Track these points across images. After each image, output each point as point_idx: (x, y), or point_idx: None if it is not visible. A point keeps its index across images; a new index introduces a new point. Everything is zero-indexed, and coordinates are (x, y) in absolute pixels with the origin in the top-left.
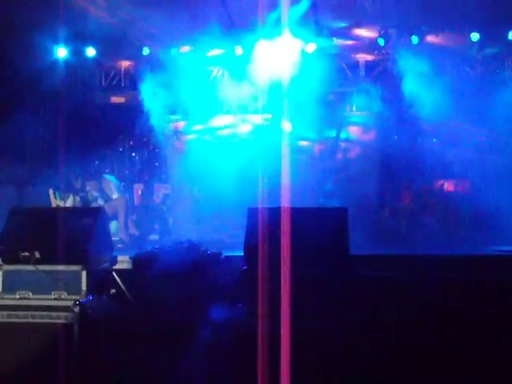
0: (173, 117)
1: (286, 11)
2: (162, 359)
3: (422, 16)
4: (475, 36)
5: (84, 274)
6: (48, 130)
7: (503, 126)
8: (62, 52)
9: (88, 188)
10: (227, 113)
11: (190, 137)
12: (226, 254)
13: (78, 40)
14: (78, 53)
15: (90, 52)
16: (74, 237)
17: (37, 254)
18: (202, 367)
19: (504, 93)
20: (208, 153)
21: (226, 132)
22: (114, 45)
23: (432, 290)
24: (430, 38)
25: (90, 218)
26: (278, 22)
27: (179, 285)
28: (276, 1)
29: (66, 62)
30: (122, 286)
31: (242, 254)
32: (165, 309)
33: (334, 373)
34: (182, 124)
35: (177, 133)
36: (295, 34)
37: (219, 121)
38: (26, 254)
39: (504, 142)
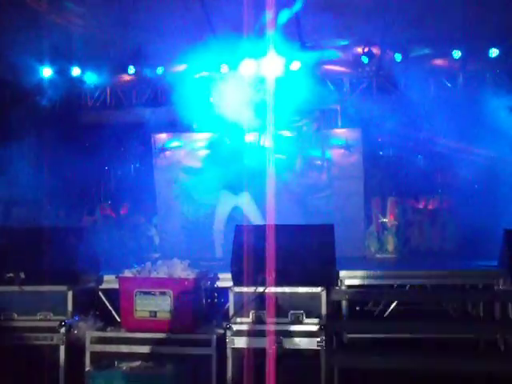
0: (160, 134)
1: (271, 28)
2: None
3: (404, 34)
4: (457, 53)
5: (70, 294)
6: (35, 149)
7: (485, 141)
8: (47, 72)
9: None
10: (211, 129)
11: (178, 153)
12: (214, 272)
13: (63, 60)
14: (63, 72)
15: (75, 71)
16: (59, 257)
17: (22, 275)
18: None
19: (486, 109)
20: (194, 169)
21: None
22: (99, 64)
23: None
24: (413, 56)
25: (76, 237)
26: (262, 39)
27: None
28: (260, 19)
29: (52, 82)
30: (109, 306)
31: (229, 271)
32: (152, 328)
33: None
34: (165, 137)
35: (163, 148)
36: (279, 52)
37: (202, 136)
38: (11, 274)
39: (487, 157)
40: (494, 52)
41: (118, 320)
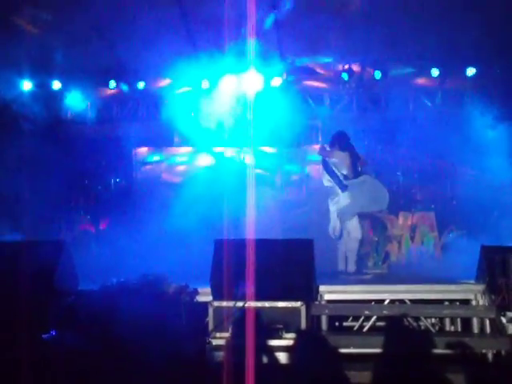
0: (141, 148)
1: (251, 45)
2: None
3: (384, 52)
4: (435, 72)
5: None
6: (14, 163)
7: (463, 158)
8: (27, 85)
9: None
10: (191, 144)
11: (158, 167)
12: (192, 286)
13: (43, 73)
14: (43, 86)
15: (56, 85)
16: (37, 271)
17: None
18: None
19: (463, 126)
20: (175, 183)
21: (190, 163)
22: (80, 78)
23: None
24: (393, 74)
25: (55, 251)
26: (242, 55)
27: (145, 318)
28: (241, 36)
29: (32, 95)
30: (87, 321)
31: (209, 286)
32: (130, 344)
33: None
34: (146, 151)
35: (144, 162)
36: (260, 68)
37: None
38: None
39: (466, 174)
40: (470, 71)
41: (96, 335)
